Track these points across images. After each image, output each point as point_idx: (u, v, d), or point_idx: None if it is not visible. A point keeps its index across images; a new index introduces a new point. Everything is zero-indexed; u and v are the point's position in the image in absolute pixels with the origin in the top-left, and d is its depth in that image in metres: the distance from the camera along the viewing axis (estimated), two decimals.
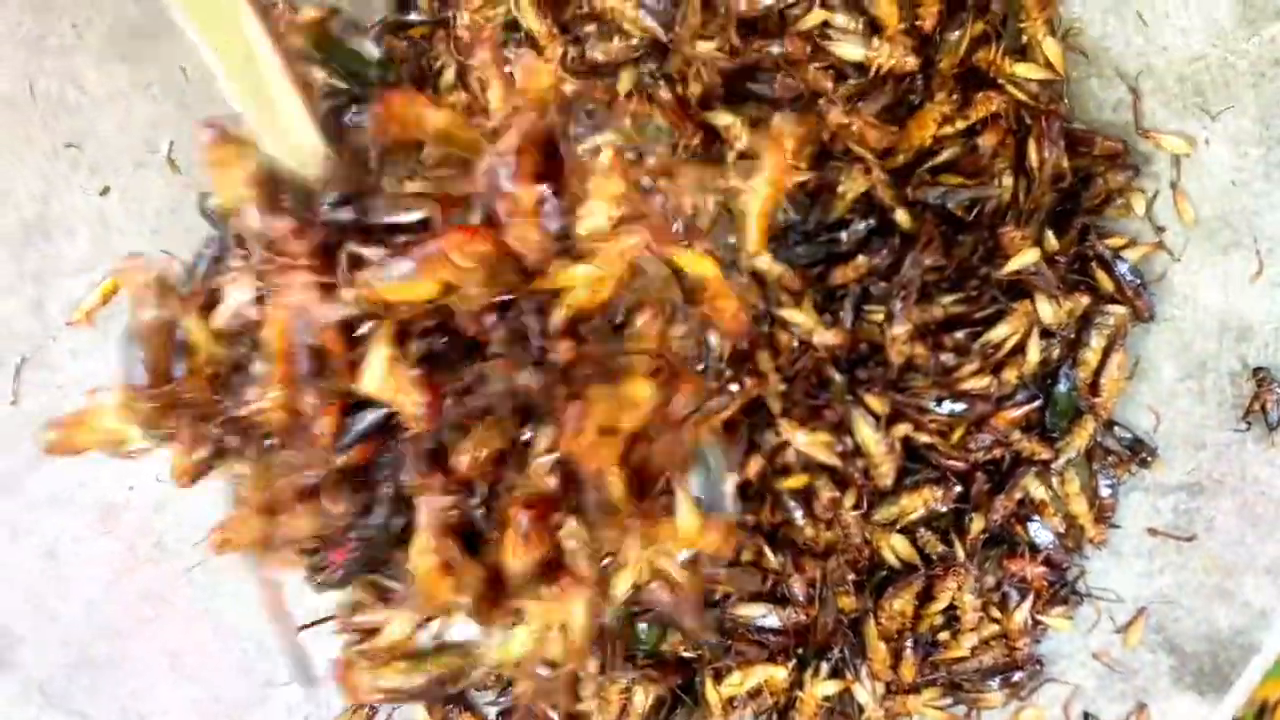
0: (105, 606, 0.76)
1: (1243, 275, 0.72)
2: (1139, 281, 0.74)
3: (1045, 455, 0.76)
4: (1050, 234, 0.74)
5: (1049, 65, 0.72)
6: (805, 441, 0.74)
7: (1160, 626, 0.77)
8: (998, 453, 0.77)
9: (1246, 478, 0.74)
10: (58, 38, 0.68)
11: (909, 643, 0.79)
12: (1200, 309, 0.74)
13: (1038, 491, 0.77)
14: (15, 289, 0.72)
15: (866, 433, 0.74)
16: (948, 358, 0.74)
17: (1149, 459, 0.76)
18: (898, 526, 0.79)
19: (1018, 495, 0.77)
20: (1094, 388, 0.76)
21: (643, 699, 0.79)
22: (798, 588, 0.78)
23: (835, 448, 0.75)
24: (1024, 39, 0.72)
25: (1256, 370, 0.73)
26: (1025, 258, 0.71)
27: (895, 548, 0.78)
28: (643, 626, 0.79)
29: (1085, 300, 0.74)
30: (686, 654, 0.80)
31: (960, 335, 0.75)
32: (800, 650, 0.80)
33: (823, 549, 0.79)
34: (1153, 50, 0.70)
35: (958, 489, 0.76)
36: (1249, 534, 0.74)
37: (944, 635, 0.80)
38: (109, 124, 0.72)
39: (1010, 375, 0.74)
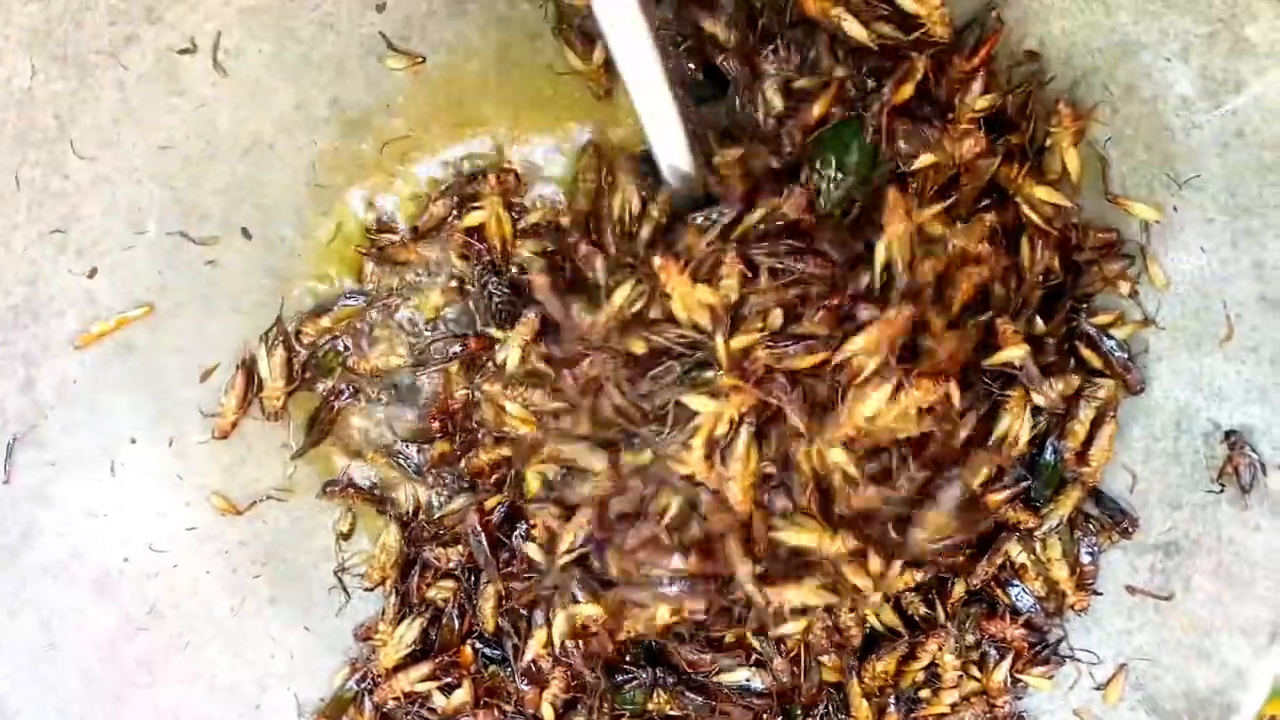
0: (101, 675, 0.78)
1: (1214, 339, 0.72)
2: (1127, 356, 0.74)
3: (1030, 523, 0.76)
4: (1039, 319, 0.74)
5: (1065, 178, 0.73)
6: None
7: (1140, 684, 0.77)
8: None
9: (1222, 538, 0.74)
10: (40, 131, 0.70)
11: (891, 699, 0.80)
12: (1173, 371, 0.74)
13: (1019, 556, 0.78)
14: (6, 370, 0.74)
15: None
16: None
17: (1130, 529, 0.76)
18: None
19: (999, 560, 0.77)
20: (1082, 458, 0.76)
21: None
22: (781, 669, 0.79)
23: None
24: (1048, 143, 0.73)
25: (1229, 433, 0.73)
26: (1013, 352, 0.71)
27: (881, 616, 0.79)
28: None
29: (1076, 380, 0.74)
30: (672, 713, 0.81)
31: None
32: (785, 708, 0.81)
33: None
34: (1119, 120, 0.71)
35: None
36: (1225, 594, 0.74)
37: (925, 693, 0.80)
38: (94, 208, 0.73)
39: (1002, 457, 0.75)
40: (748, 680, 0.80)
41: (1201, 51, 0.66)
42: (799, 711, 0.81)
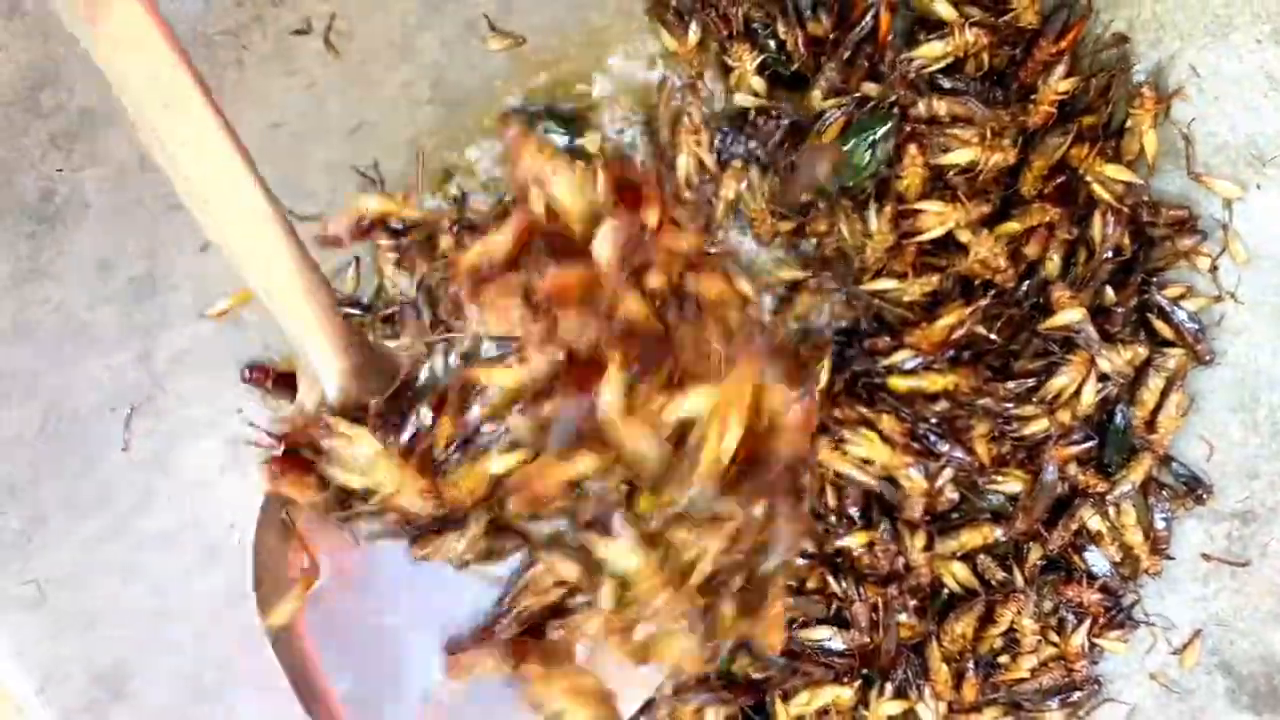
0: (210, 639, 0.80)
1: None
2: (1198, 328, 0.77)
3: (1102, 488, 0.79)
4: (1109, 289, 0.77)
5: (1141, 158, 0.76)
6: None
7: (1216, 649, 0.80)
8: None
9: None
10: None
11: (970, 664, 0.82)
12: (1252, 344, 0.77)
13: (1094, 522, 0.80)
14: (125, 342, 0.76)
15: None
16: (1007, 405, 0.77)
17: (1205, 495, 0.79)
18: (958, 556, 0.82)
19: (1074, 526, 0.80)
20: (1151, 425, 0.78)
21: (714, 718, 0.83)
22: (860, 613, 0.82)
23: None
24: (1127, 124, 0.75)
25: None
26: (1068, 315, 0.75)
27: (956, 574, 0.82)
28: None
29: (1144, 350, 0.76)
30: (756, 675, 0.84)
31: (1012, 385, 0.78)
32: (865, 671, 0.83)
33: (884, 576, 0.82)
34: (1205, 100, 0.73)
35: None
36: None
37: (1004, 657, 0.83)
38: None
39: (1065, 416, 0.77)
40: (829, 639, 0.82)
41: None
42: (878, 675, 0.83)
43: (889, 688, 0.83)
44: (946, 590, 0.83)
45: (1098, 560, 0.81)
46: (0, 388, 0.71)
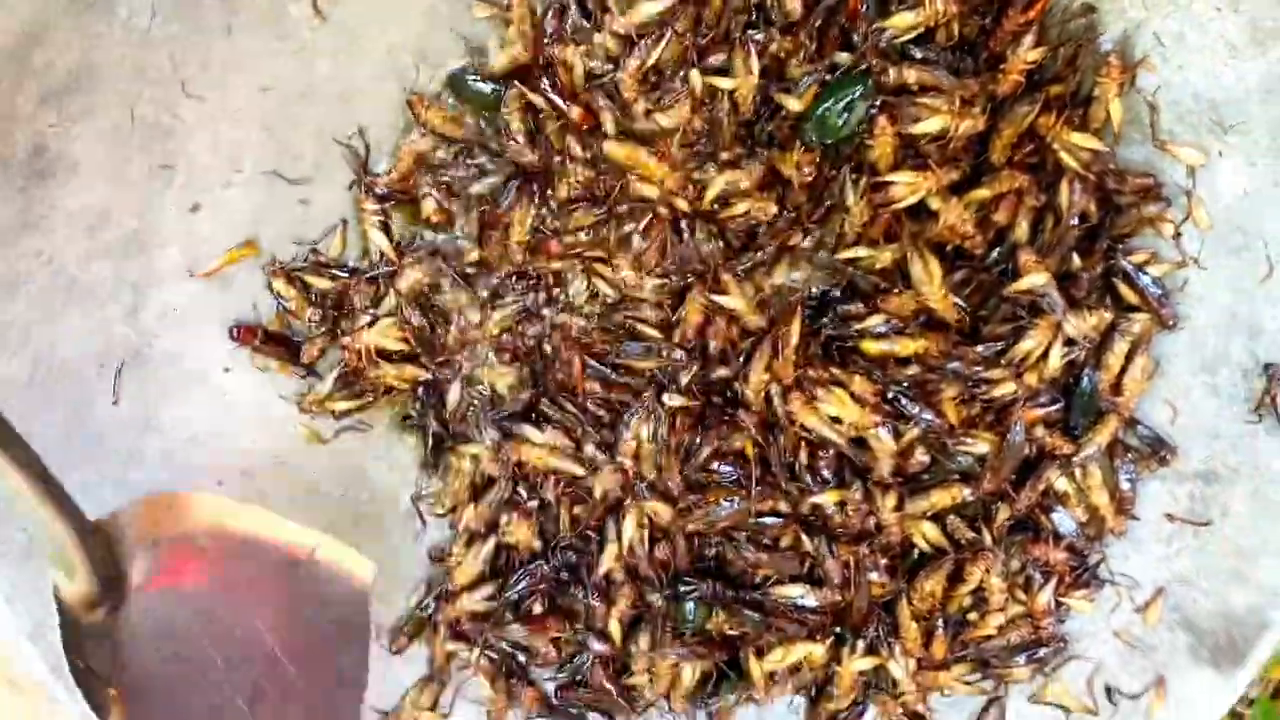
0: None
1: (1254, 277, 0.77)
2: (1162, 292, 0.78)
3: (1068, 450, 0.81)
4: (1075, 255, 0.78)
5: (1108, 126, 0.77)
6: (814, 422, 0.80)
7: (1178, 606, 0.82)
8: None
9: (1259, 467, 0.79)
10: (156, 70, 0.74)
11: (940, 622, 0.84)
12: (1213, 308, 0.79)
13: (1061, 483, 0.82)
14: (116, 296, 0.78)
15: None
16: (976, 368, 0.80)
17: (1168, 457, 0.80)
18: (928, 516, 0.84)
19: (1041, 487, 0.82)
20: (1116, 389, 0.80)
21: (690, 674, 0.85)
22: (832, 571, 0.84)
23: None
24: (1094, 92, 0.77)
25: (1267, 366, 0.77)
26: (1033, 279, 0.76)
27: (926, 534, 0.83)
28: (690, 606, 0.84)
29: (1109, 315, 0.78)
30: (731, 632, 0.86)
31: (980, 349, 0.80)
32: (837, 629, 0.85)
33: (855, 535, 0.84)
34: (1169, 69, 0.75)
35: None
36: (1262, 520, 0.79)
37: (972, 615, 0.84)
38: (199, 146, 0.78)
39: (1031, 379, 0.79)
40: (801, 597, 0.84)
41: (1251, 2, 0.70)
42: (850, 632, 0.85)
43: (860, 644, 0.84)
44: (916, 549, 0.85)
45: (1064, 520, 0.83)
46: None
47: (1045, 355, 0.79)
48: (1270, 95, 0.72)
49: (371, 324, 0.84)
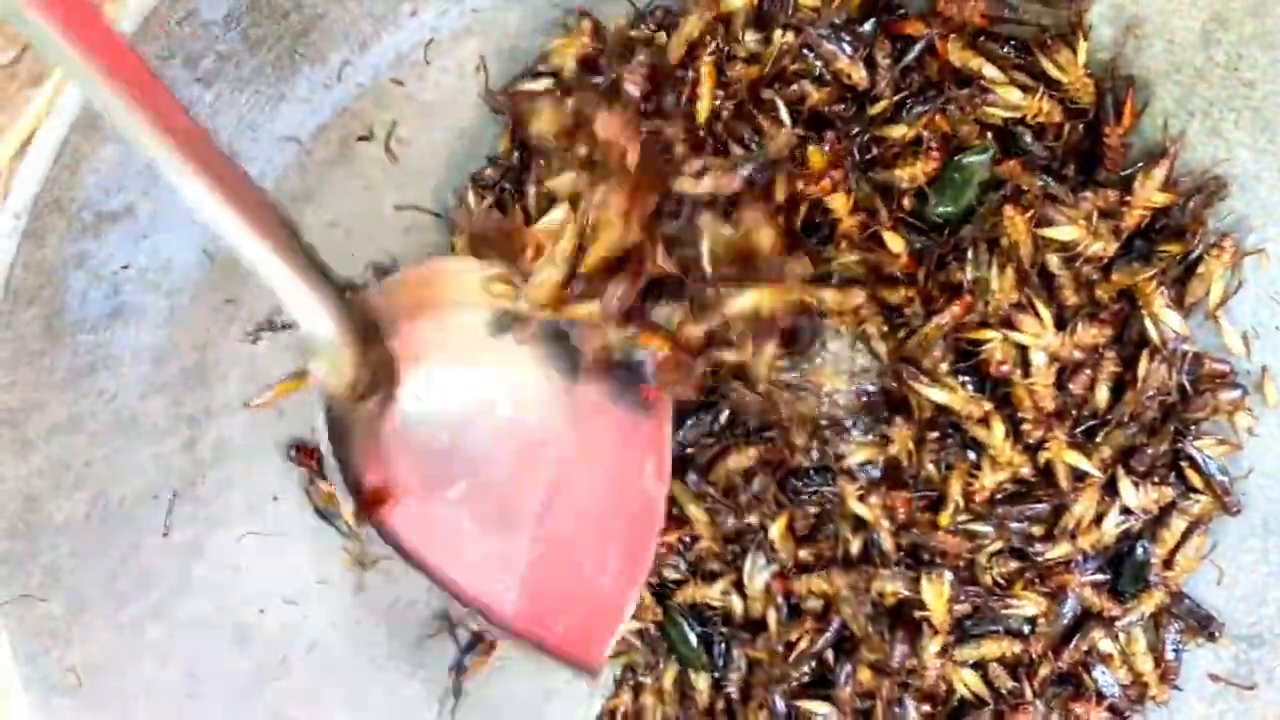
0: None
1: None
2: (1227, 479, 0.79)
3: (1114, 613, 0.81)
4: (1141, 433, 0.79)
5: (1204, 303, 0.77)
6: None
7: None
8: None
9: None
10: None
11: None
12: (1263, 473, 0.79)
13: (1104, 645, 0.82)
14: (172, 430, 0.77)
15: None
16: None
17: (1216, 634, 0.81)
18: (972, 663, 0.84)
19: (1085, 646, 0.82)
20: (1168, 564, 0.80)
21: None
22: (843, 699, 0.83)
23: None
24: (1199, 269, 0.77)
25: None
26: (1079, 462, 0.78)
27: (967, 681, 0.83)
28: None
29: (1171, 492, 0.79)
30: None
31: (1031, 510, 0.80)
32: None
33: (889, 670, 0.84)
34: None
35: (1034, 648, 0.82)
36: None
37: None
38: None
39: (1085, 543, 0.79)
40: (825, 715, 0.83)
41: None
42: None
43: None
44: (957, 696, 0.85)
45: (1106, 680, 0.83)
46: (53, 478, 0.71)
47: (1099, 521, 0.79)
48: None
49: None
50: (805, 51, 0.77)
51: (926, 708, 0.84)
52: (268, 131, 0.73)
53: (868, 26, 0.77)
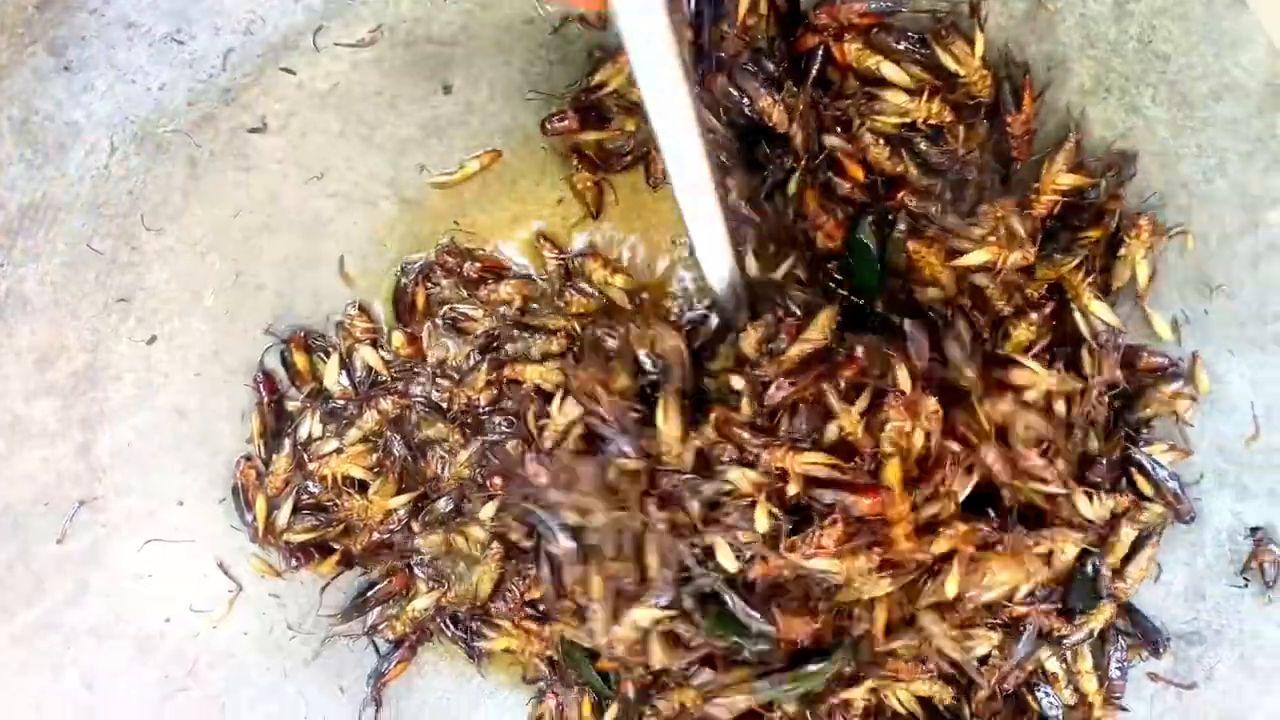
0: None
1: (1240, 438, 0.75)
2: (1178, 486, 0.76)
3: (1063, 631, 0.78)
4: (1094, 438, 0.76)
5: (1131, 287, 0.75)
6: None
7: None
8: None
9: (1245, 630, 0.77)
10: (114, 205, 0.72)
11: None
12: (1200, 468, 0.77)
13: (1050, 664, 0.79)
14: (65, 435, 0.75)
15: None
16: None
17: (1162, 649, 0.78)
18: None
19: (1030, 667, 0.79)
20: (1119, 574, 0.78)
21: None
22: None
23: None
24: (1121, 251, 0.74)
25: (1254, 530, 0.75)
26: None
27: (901, 700, 0.80)
28: None
29: (1126, 500, 0.76)
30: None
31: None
32: None
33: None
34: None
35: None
36: (1247, 685, 0.77)
37: None
38: (158, 278, 0.75)
39: (1043, 575, 0.76)
40: None
41: (1239, 167, 0.69)
42: None
43: None
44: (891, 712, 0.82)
45: (1050, 701, 0.80)
46: None
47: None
48: (1258, 260, 0.70)
49: (339, 451, 0.81)
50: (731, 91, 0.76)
51: None
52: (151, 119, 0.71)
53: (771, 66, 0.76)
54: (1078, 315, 0.75)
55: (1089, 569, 0.77)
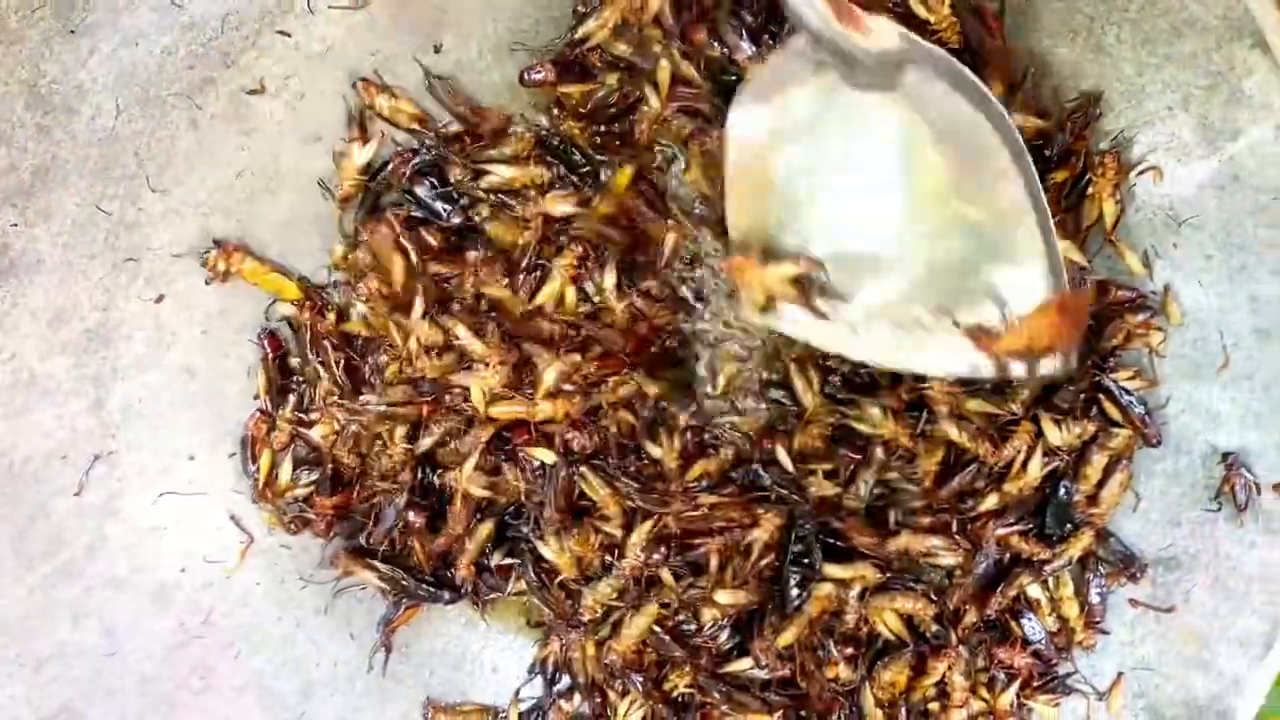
0: (157, 681, 0.82)
1: (1211, 367, 0.77)
2: (1145, 410, 0.79)
3: (1043, 556, 0.81)
4: None
5: (1100, 225, 0.77)
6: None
7: (1142, 692, 0.82)
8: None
9: (1219, 554, 0.79)
10: (121, 167, 0.75)
11: (902, 711, 0.84)
12: (1173, 398, 0.79)
13: (1032, 590, 0.82)
14: (78, 391, 0.78)
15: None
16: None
17: (1139, 574, 0.81)
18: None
19: (1013, 593, 0.82)
20: (1093, 500, 0.81)
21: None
22: (761, 654, 0.84)
23: None
24: (1088, 190, 0.77)
25: (1225, 455, 0.78)
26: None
27: (888, 623, 0.83)
28: None
29: (1092, 427, 0.79)
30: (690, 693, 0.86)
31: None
32: (802, 714, 0.85)
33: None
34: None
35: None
36: (1222, 606, 0.79)
37: (934, 706, 0.84)
38: (164, 238, 0.78)
39: (1012, 488, 0.80)
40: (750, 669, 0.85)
41: (1201, 101, 0.71)
42: (815, 718, 0.85)
43: None
44: (881, 639, 0.85)
45: (1033, 627, 0.83)
46: None
47: (1025, 465, 0.79)
48: (1222, 191, 0.73)
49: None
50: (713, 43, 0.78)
51: (849, 650, 0.84)
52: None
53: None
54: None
55: (1062, 494, 0.80)
